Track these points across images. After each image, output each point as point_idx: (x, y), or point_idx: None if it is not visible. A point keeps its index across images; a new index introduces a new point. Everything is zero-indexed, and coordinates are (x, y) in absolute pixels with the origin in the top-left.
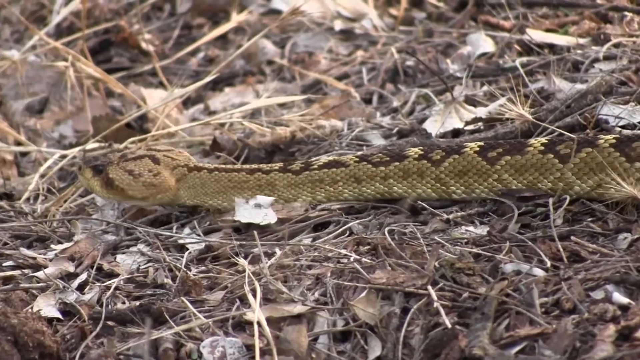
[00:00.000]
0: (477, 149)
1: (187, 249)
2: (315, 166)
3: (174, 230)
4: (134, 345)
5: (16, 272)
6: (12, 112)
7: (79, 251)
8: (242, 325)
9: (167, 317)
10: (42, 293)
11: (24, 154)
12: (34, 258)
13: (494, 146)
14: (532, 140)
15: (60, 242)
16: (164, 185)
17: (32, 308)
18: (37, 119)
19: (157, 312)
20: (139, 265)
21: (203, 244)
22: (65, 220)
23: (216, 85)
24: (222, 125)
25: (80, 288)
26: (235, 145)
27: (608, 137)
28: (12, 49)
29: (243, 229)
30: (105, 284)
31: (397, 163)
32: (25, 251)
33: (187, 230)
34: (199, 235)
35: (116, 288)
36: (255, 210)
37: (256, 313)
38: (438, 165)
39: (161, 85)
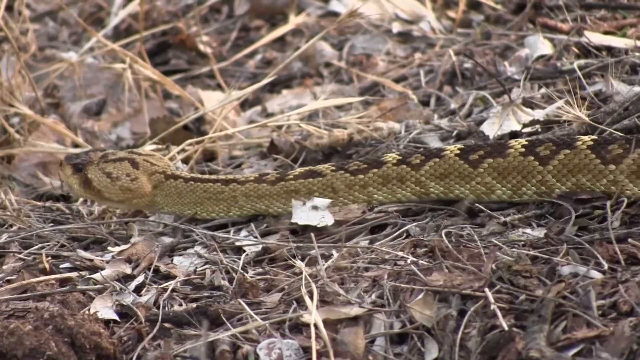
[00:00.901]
0: (458, 151)
1: (244, 251)
2: (291, 176)
3: (231, 233)
4: (191, 347)
5: (73, 274)
6: (69, 114)
7: (136, 253)
8: (298, 327)
9: (224, 319)
10: (99, 295)
11: None
12: (91, 260)
13: (474, 148)
14: (512, 142)
15: (117, 244)
16: (140, 191)
17: (89, 310)
18: (95, 120)
19: (214, 314)
20: (196, 267)
21: (260, 246)
22: (122, 222)
23: (274, 88)
24: (280, 127)
25: (137, 290)
26: (293, 148)
27: (585, 138)
28: (70, 51)
29: (300, 231)
30: (162, 285)
31: (376, 170)
32: (82, 253)
33: (244, 232)
34: (256, 237)
35: (173, 290)
36: (313, 212)
37: (313, 315)
38: (418, 169)
39: (219, 87)
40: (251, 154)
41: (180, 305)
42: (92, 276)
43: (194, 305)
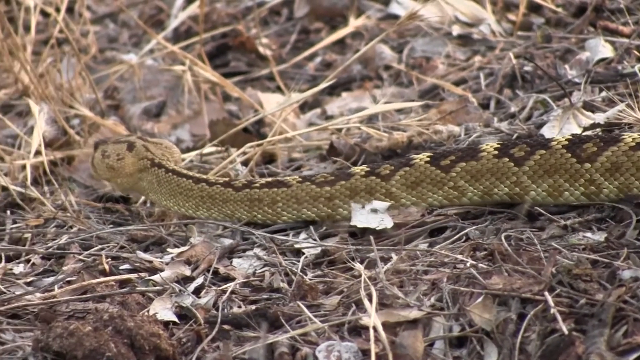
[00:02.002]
0: (427, 159)
1: (303, 254)
2: (257, 184)
3: (290, 235)
4: (250, 349)
5: (133, 276)
6: (129, 115)
7: (196, 255)
8: (357, 330)
9: (282, 321)
10: (159, 296)
11: None
12: (151, 261)
13: (444, 154)
14: (484, 145)
15: (176, 246)
16: (121, 171)
17: (148, 311)
18: (154, 122)
19: (273, 316)
20: (255, 270)
21: (319, 249)
22: (182, 224)
23: (333, 90)
24: (339, 130)
25: (197, 292)
26: (352, 150)
27: (560, 138)
28: (130, 52)
29: (359, 234)
30: (221, 287)
31: (344, 182)
32: (142, 254)
33: (303, 235)
34: (315, 239)
35: (232, 292)
36: (372, 215)
37: (372, 318)
38: (388, 179)
39: (278, 89)
40: (310, 156)
41: (239, 307)
42: (151, 278)
43: (253, 307)
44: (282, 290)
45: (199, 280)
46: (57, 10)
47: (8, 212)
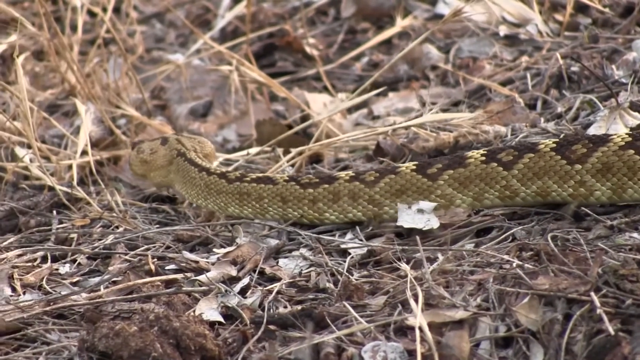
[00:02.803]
0: (414, 167)
1: (349, 254)
2: (248, 178)
3: (337, 236)
4: (295, 350)
5: (179, 276)
6: (176, 115)
7: (242, 255)
8: (403, 330)
9: (328, 321)
10: (205, 296)
11: None
12: (197, 262)
13: (431, 163)
14: (470, 153)
15: (222, 246)
16: (154, 164)
17: (194, 311)
18: (201, 122)
19: (319, 317)
20: (301, 270)
21: (365, 249)
22: (228, 224)
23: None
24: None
25: (242, 292)
26: (399, 151)
27: (547, 141)
28: (176, 52)
29: (405, 234)
30: (267, 288)
31: (327, 185)
32: (188, 255)
33: (349, 235)
34: (361, 240)
35: (278, 292)
36: (418, 215)
37: (418, 318)
38: (372, 186)
39: (325, 89)
40: (357, 156)
41: (285, 307)
42: (197, 278)
43: (299, 307)
44: (328, 291)
45: (245, 281)
46: (104, 10)
47: (54, 212)
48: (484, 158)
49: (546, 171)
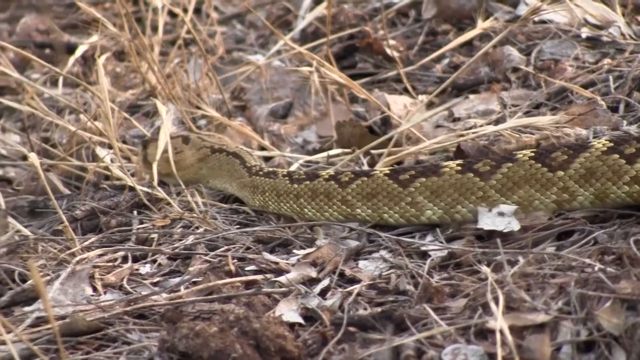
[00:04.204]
0: (388, 172)
1: (430, 256)
2: (261, 173)
3: (417, 238)
4: (375, 352)
5: (259, 277)
6: (256, 116)
7: (322, 256)
8: (484, 334)
9: (408, 323)
10: (285, 298)
11: (268, 159)
12: (277, 263)
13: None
14: (446, 162)
15: (302, 248)
16: (182, 164)
17: (274, 312)
18: (281, 124)
19: (399, 319)
20: (381, 272)
21: (445, 251)
22: (308, 225)
23: (460, 92)
24: (468, 130)
25: (322, 293)
26: (480, 152)
27: (526, 151)
28: (257, 53)
29: (486, 237)
30: (347, 289)
31: (308, 182)
32: (268, 256)
33: (429, 237)
34: (441, 242)
35: (358, 294)
36: (499, 218)
37: (499, 321)
38: (345, 187)
39: (405, 91)
40: (437, 158)
41: (365, 309)
42: (277, 279)
43: (379, 309)
44: (408, 293)
45: (325, 282)
46: (185, 11)
47: (135, 212)
48: (459, 168)
49: (527, 179)
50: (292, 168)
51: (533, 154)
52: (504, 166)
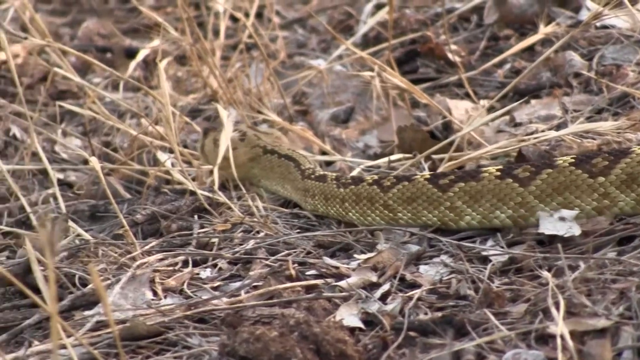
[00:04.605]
0: (428, 176)
1: (490, 261)
2: (314, 176)
3: (477, 242)
4: (436, 357)
5: (319, 281)
6: (317, 121)
7: (382, 261)
8: (544, 339)
9: (469, 328)
10: (345, 302)
11: (329, 164)
12: (337, 267)
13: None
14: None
15: (363, 252)
16: (235, 161)
17: (334, 317)
18: (342, 128)
19: (459, 324)
20: (442, 276)
21: (506, 256)
22: (369, 230)
23: (522, 97)
24: (529, 135)
25: (383, 298)
26: (541, 158)
27: (565, 157)
28: (318, 58)
29: (547, 242)
30: (407, 294)
31: (353, 187)
32: (328, 260)
33: (490, 242)
34: (502, 247)
35: (418, 299)
36: (560, 222)
37: (559, 326)
38: (387, 191)
39: (467, 96)
40: (497, 163)
41: (426, 314)
42: (338, 283)
43: (439, 314)
44: (468, 298)
45: (386, 287)
46: (247, 15)
47: (195, 216)
48: (499, 173)
49: (567, 186)
50: (354, 173)
51: (573, 160)
52: (543, 172)
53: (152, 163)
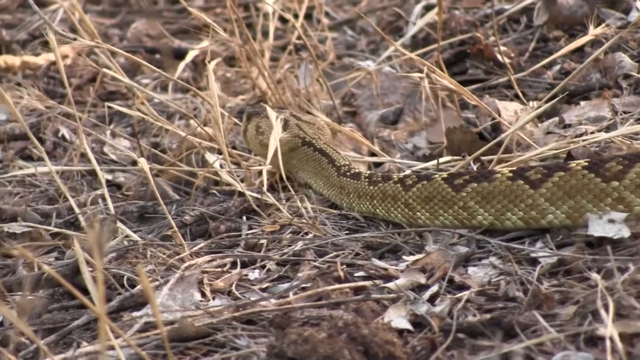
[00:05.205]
0: (445, 176)
1: (539, 263)
2: (349, 173)
3: (526, 244)
4: (484, 358)
5: (367, 283)
6: (366, 122)
7: (431, 263)
8: (593, 341)
9: (517, 330)
10: (393, 304)
11: (378, 165)
12: (386, 269)
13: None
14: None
15: (412, 254)
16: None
17: (382, 319)
18: (391, 130)
19: (508, 325)
20: (491, 278)
21: (555, 258)
22: (417, 231)
23: (571, 99)
24: (579, 137)
25: (431, 299)
26: (591, 159)
27: (580, 160)
28: (367, 59)
29: (596, 244)
30: (456, 296)
31: (381, 184)
32: (377, 262)
33: (539, 244)
34: (551, 249)
35: (467, 300)
36: (609, 225)
37: (609, 328)
38: (408, 190)
39: (516, 97)
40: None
41: (474, 315)
42: (386, 285)
43: (488, 316)
44: (517, 299)
45: (434, 288)
46: (296, 16)
47: (244, 217)
48: (511, 175)
49: (579, 189)
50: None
51: (587, 164)
52: (555, 175)
53: (201, 164)
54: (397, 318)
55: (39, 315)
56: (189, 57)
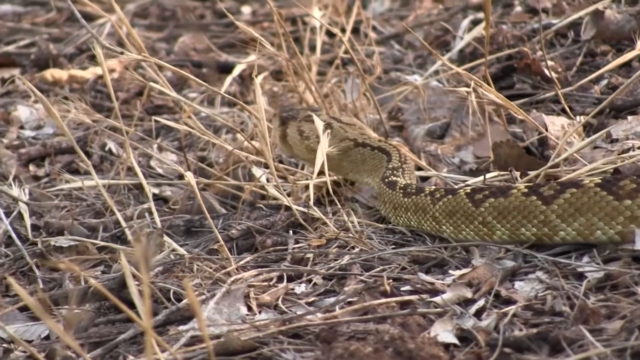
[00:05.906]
0: (468, 190)
1: (586, 277)
2: (395, 184)
3: (573, 259)
4: None
5: (414, 297)
6: (413, 136)
7: (477, 277)
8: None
9: (564, 345)
10: (440, 318)
11: (425, 179)
12: (432, 283)
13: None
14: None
15: (458, 268)
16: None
17: (429, 333)
18: (438, 144)
19: (554, 340)
20: (537, 293)
21: (602, 272)
22: (464, 246)
23: (618, 114)
24: (625, 152)
25: (478, 314)
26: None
27: (594, 177)
28: (414, 73)
29: None
30: (502, 310)
31: (414, 196)
32: (423, 276)
33: (585, 258)
34: (598, 263)
35: (513, 315)
36: None
37: None
38: (435, 203)
39: (563, 112)
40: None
41: (521, 330)
42: (432, 299)
43: (535, 330)
44: (564, 314)
45: (480, 303)
46: (343, 30)
47: (290, 232)
48: (526, 190)
49: (590, 207)
50: None
51: (600, 181)
52: (567, 191)
53: (248, 178)
54: (444, 332)
55: (86, 329)
56: (236, 71)
